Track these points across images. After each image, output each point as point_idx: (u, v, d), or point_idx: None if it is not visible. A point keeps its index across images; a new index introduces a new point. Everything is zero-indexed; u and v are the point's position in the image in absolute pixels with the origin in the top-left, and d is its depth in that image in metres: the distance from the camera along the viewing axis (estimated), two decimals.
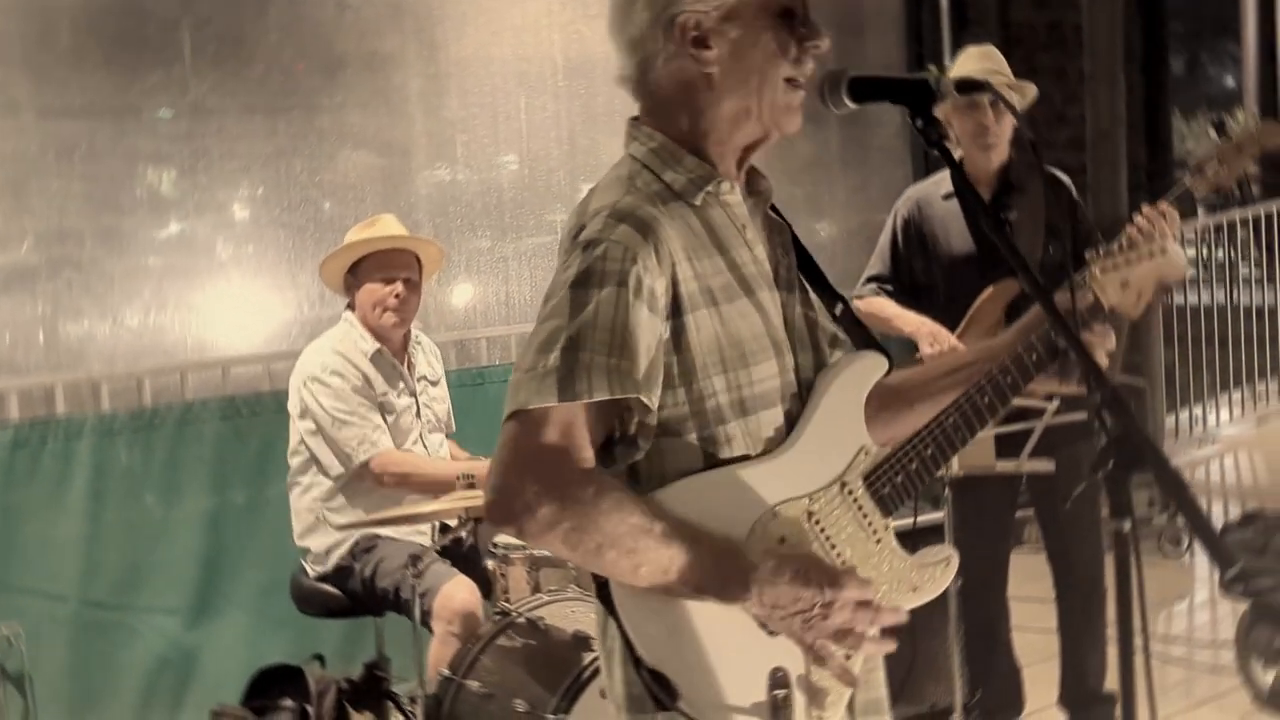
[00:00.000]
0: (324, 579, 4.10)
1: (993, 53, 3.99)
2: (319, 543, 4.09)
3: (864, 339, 1.99)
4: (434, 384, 4.32)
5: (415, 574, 3.66)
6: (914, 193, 4.13)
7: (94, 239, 5.06)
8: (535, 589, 3.77)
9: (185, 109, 5.20)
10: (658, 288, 1.76)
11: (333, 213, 5.47)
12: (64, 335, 4.94)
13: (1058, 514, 3.96)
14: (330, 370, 4.05)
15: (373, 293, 4.11)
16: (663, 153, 1.87)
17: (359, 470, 4.01)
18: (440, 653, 3.73)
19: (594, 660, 3.19)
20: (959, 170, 2.01)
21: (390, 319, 4.11)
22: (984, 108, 3.82)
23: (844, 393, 1.91)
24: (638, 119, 1.92)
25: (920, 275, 4.04)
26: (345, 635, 4.65)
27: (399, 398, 4.14)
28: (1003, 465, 3.61)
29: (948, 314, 3.88)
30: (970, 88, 2.08)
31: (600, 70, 5.78)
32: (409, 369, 4.21)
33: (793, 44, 1.85)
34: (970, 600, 3.86)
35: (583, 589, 3.60)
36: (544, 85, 6.00)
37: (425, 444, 4.19)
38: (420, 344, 4.31)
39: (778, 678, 1.77)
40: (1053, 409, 3.45)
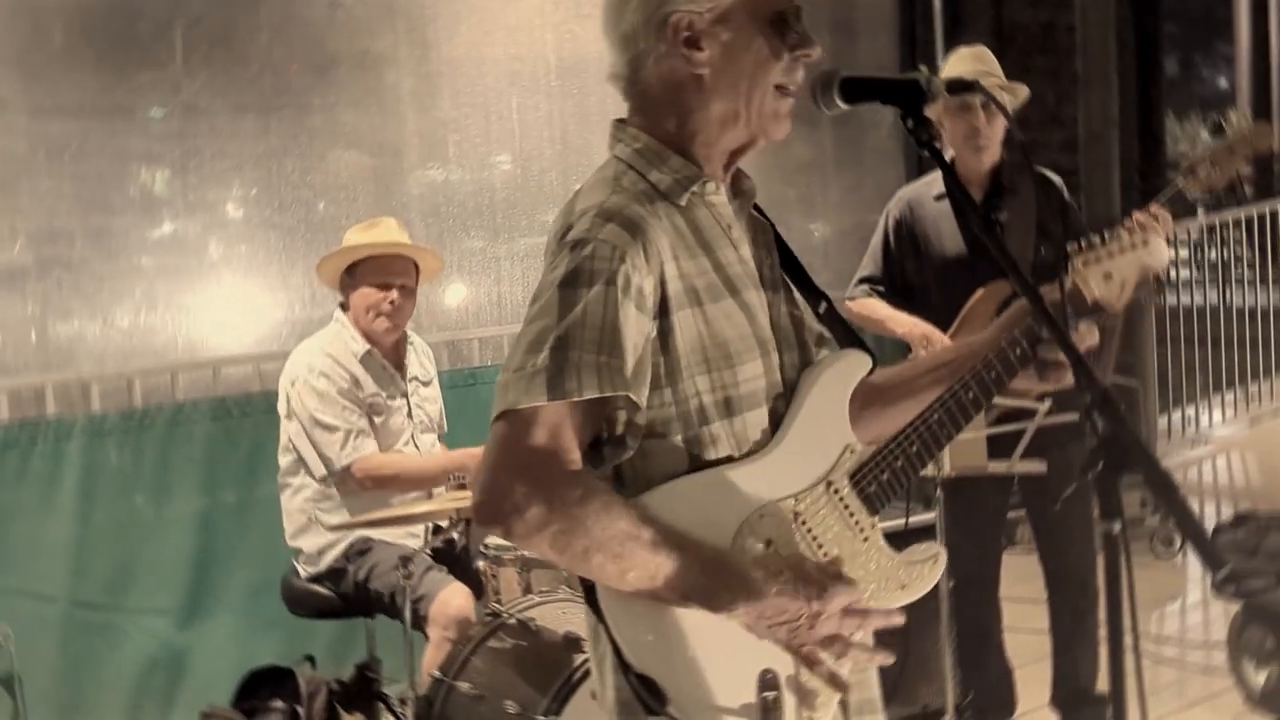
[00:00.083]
0: (316, 580, 4.09)
1: (984, 54, 3.98)
2: (311, 543, 4.08)
3: (848, 337, 1.99)
4: (426, 385, 4.31)
5: (405, 575, 3.65)
6: (906, 194, 4.13)
7: (84, 239, 5.04)
8: (527, 590, 3.77)
9: (177, 108, 5.18)
10: (646, 286, 1.76)
11: (325, 213, 5.45)
12: (54, 335, 4.92)
13: (1049, 515, 3.96)
14: (318, 372, 4.04)
15: (367, 296, 4.10)
16: (648, 153, 1.87)
17: (342, 474, 4.00)
18: (435, 658, 3.73)
19: (585, 661, 3.19)
20: (950, 171, 2.01)
21: (383, 324, 4.10)
22: (975, 109, 3.82)
23: (828, 392, 1.91)
24: (623, 121, 1.92)
25: (912, 276, 4.05)
26: (336, 636, 4.65)
27: (389, 399, 4.13)
28: (994, 466, 3.62)
29: (940, 315, 3.88)
30: (961, 88, 2.07)
31: (593, 70, 5.77)
32: (401, 370, 4.20)
33: (784, 51, 1.85)
34: (962, 601, 3.86)
35: (574, 590, 3.58)
36: (537, 85, 5.99)
37: (417, 445, 4.19)
38: (413, 345, 4.30)
39: (767, 679, 1.76)
40: (1044, 410, 3.45)
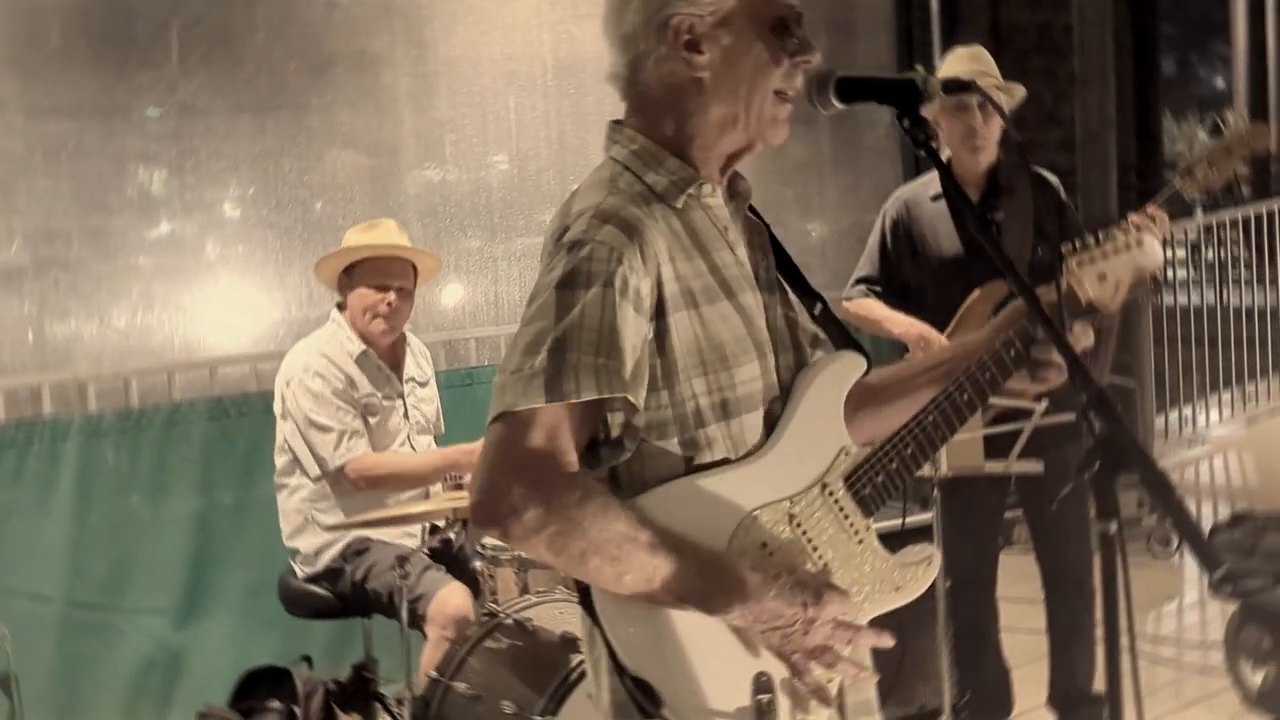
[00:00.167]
0: (313, 580, 4.08)
1: (981, 54, 3.98)
2: (308, 543, 4.08)
3: (843, 338, 1.99)
4: (423, 385, 4.30)
5: (402, 574, 3.65)
6: (902, 194, 4.13)
7: (81, 239, 5.04)
8: (524, 590, 3.77)
9: (173, 108, 5.18)
10: (643, 288, 1.75)
11: (322, 213, 5.45)
12: (51, 335, 4.92)
13: (1046, 515, 3.96)
14: (313, 372, 4.03)
15: (365, 298, 4.09)
16: (644, 155, 1.87)
17: (336, 475, 4.00)
18: (433, 657, 3.73)
19: (581, 662, 3.18)
20: (947, 171, 2.01)
21: (380, 325, 4.10)
22: (972, 109, 3.82)
23: (823, 393, 1.90)
24: (619, 122, 1.92)
25: (909, 276, 4.04)
26: (333, 636, 4.65)
27: (385, 400, 4.13)
28: (991, 466, 3.62)
29: (937, 315, 3.88)
30: (958, 88, 2.07)
31: (590, 70, 5.77)
32: (398, 371, 4.19)
33: (785, 56, 1.84)
34: (959, 601, 3.86)
35: (571, 590, 3.58)
36: (533, 85, 5.99)
37: (413, 445, 4.18)
38: (410, 345, 4.30)
39: (761, 682, 1.76)
40: (1041, 410, 3.44)
